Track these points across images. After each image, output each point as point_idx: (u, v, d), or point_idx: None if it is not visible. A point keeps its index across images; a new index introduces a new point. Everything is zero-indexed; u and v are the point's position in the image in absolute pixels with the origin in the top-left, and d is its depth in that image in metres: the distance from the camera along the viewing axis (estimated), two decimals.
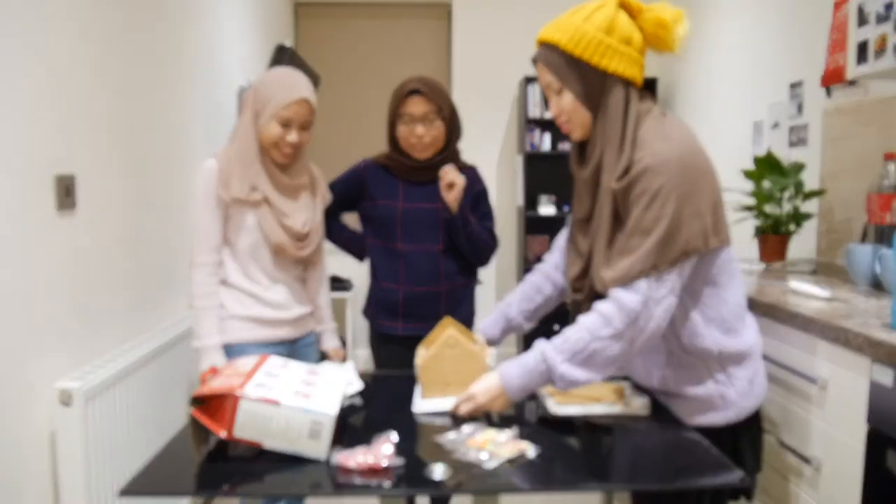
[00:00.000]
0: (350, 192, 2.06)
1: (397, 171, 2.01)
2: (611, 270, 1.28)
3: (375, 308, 2.08)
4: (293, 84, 1.73)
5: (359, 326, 4.55)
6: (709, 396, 1.35)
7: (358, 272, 4.55)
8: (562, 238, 1.63)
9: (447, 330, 1.46)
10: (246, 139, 1.75)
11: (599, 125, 1.32)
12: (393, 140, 1.99)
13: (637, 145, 1.28)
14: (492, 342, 1.64)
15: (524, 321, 1.64)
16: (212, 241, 1.75)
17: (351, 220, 2.15)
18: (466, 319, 2.09)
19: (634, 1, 1.32)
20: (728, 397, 1.35)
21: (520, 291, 1.66)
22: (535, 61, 1.38)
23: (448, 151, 1.99)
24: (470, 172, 2.07)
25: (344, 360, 2.02)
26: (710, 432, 1.34)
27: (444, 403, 1.40)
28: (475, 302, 2.15)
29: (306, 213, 1.83)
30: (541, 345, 1.31)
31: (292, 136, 1.74)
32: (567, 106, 1.34)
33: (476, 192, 2.07)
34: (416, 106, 1.91)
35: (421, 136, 1.92)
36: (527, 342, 4.45)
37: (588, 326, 1.27)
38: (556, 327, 3.87)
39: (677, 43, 1.31)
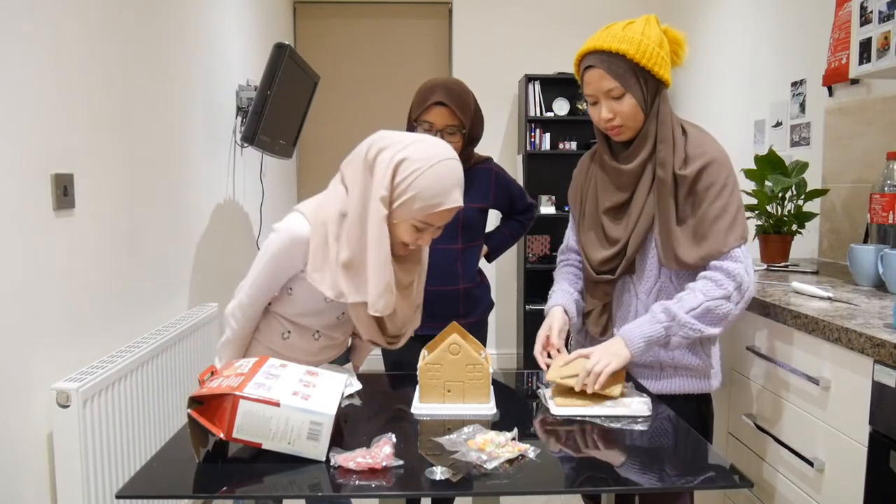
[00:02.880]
0: None
1: None
2: (697, 249, 1.48)
3: None
4: (450, 186, 1.38)
5: None
6: (703, 367, 1.60)
7: None
8: (572, 238, 1.77)
9: (451, 336, 1.44)
10: (378, 241, 1.38)
11: (651, 125, 1.51)
12: None
13: (688, 140, 1.51)
14: (573, 314, 1.67)
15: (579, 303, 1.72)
16: (265, 300, 1.54)
17: None
18: (484, 314, 2.12)
19: (658, 21, 1.52)
20: (714, 367, 1.63)
21: (565, 281, 1.73)
22: (587, 68, 1.50)
23: (461, 156, 1.97)
24: (487, 166, 2.08)
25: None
26: (699, 400, 1.62)
27: (441, 409, 1.39)
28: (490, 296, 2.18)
29: (409, 303, 1.55)
30: (656, 305, 1.48)
31: (426, 240, 1.44)
32: (627, 110, 1.49)
33: (504, 184, 2.09)
34: (438, 117, 1.89)
35: None
36: (526, 345, 4.45)
37: (700, 289, 1.46)
38: None
39: (684, 60, 1.55)
